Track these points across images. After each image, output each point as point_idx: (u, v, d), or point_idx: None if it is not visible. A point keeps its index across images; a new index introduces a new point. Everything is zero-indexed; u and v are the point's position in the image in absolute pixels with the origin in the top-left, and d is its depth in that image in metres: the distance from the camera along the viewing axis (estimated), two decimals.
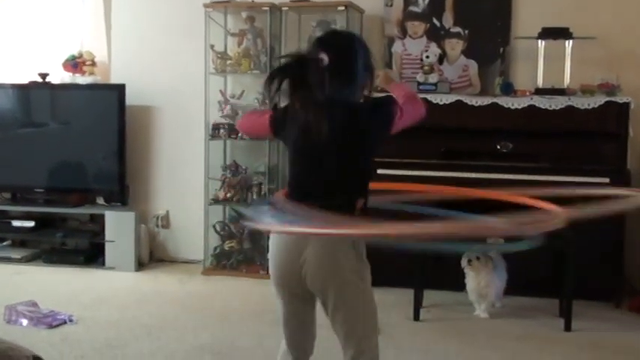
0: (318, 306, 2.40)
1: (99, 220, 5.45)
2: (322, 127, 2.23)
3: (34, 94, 5.67)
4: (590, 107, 4.50)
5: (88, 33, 5.78)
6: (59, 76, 5.66)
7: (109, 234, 5.30)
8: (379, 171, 4.20)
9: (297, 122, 2.30)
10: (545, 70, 4.77)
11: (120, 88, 5.39)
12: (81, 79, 5.59)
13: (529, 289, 4.52)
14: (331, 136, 2.24)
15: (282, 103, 2.36)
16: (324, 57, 2.28)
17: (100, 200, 5.63)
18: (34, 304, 4.13)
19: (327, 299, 2.28)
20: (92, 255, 5.39)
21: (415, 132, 2.64)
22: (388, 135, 2.37)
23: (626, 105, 4.45)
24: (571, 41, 4.72)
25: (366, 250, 2.34)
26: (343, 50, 2.35)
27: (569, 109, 4.52)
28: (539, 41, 4.77)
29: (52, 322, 3.97)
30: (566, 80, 4.72)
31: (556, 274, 4.31)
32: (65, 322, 4.00)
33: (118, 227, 5.30)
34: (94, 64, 5.66)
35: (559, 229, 2.14)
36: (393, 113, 2.34)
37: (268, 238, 2.44)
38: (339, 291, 2.26)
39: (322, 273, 2.25)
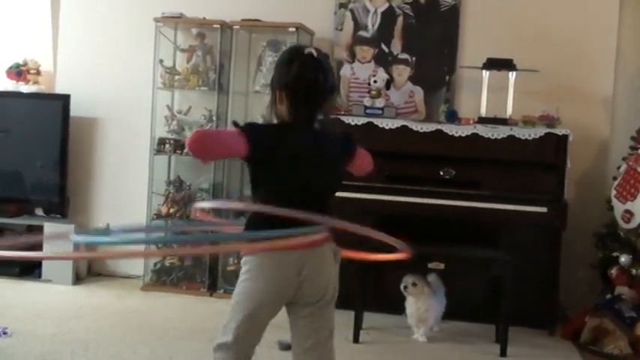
0: None
1: (37, 232, 5.35)
2: (315, 154, 2.41)
3: None
4: (531, 138, 4.62)
5: (33, 41, 5.69)
6: (2, 83, 5.55)
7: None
8: None
9: (289, 142, 2.37)
10: (488, 99, 4.88)
11: (64, 99, 5.32)
12: (24, 88, 5.50)
13: (467, 315, 4.60)
14: (322, 160, 2.42)
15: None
16: (312, 50, 2.41)
17: (39, 211, 5.53)
18: None
19: (315, 305, 2.43)
20: (28, 267, 5.29)
21: None
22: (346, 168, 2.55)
23: (565, 137, 4.58)
24: (514, 73, 4.84)
25: None
26: (322, 52, 2.47)
27: (511, 139, 4.63)
28: (484, 71, 4.88)
29: None
30: (509, 110, 4.84)
31: (493, 301, 4.39)
32: None
33: None
34: (38, 72, 5.58)
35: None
36: (355, 150, 2.54)
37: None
38: (331, 298, 2.46)
39: (322, 283, 2.42)
